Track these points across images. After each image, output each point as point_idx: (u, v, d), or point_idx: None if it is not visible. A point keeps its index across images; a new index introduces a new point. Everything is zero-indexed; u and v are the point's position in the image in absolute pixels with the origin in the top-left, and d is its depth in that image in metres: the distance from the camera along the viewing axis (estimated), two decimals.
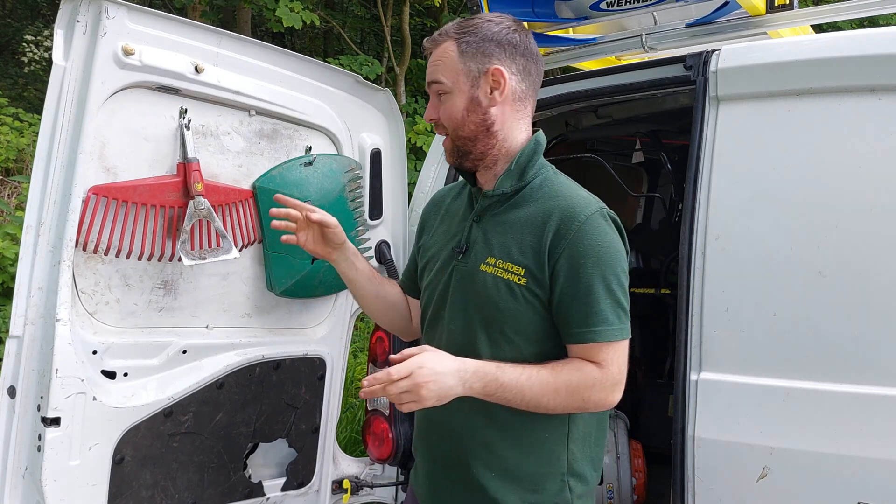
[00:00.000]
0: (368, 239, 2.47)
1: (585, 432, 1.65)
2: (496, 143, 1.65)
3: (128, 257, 1.95)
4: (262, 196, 2.18)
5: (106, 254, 1.91)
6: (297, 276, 2.27)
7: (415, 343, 1.80)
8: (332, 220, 1.79)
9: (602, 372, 1.53)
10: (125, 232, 1.92)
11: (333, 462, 2.56)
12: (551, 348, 1.59)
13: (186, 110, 2.02)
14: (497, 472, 1.61)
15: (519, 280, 1.57)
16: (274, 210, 1.81)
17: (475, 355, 1.59)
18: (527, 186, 1.64)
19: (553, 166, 1.70)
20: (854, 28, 5.25)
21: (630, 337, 1.58)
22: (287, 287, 2.26)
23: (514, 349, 1.59)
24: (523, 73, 1.64)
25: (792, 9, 2.27)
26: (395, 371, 1.44)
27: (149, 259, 1.99)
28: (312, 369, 2.42)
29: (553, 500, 1.61)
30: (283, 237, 1.85)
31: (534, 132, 1.71)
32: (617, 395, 1.57)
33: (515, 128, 1.66)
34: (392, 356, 1.47)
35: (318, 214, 1.78)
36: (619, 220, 1.61)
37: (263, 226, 2.20)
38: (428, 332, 1.79)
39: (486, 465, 1.62)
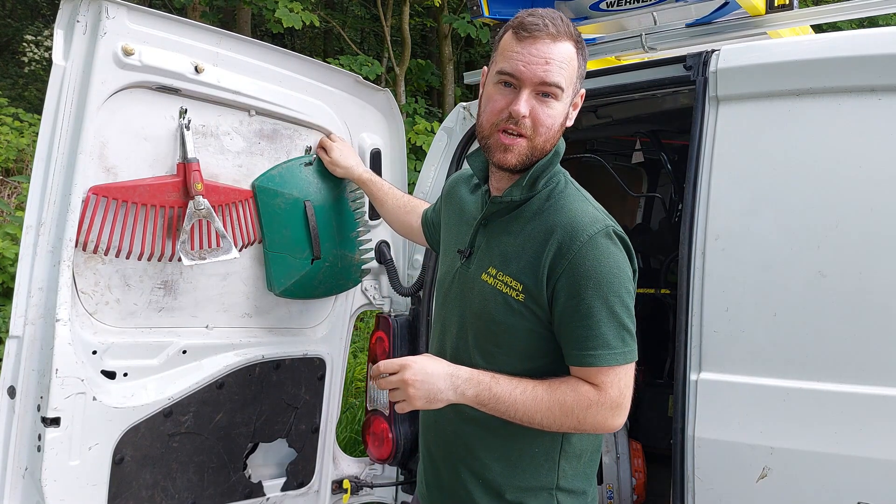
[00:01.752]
0: (370, 240, 2.47)
1: (581, 450, 1.60)
2: None
3: (128, 257, 1.95)
4: (261, 195, 2.18)
5: (106, 254, 1.91)
6: (296, 276, 2.27)
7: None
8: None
9: (599, 394, 1.47)
10: (125, 232, 1.92)
11: (333, 462, 2.56)
12: (545, 365, 1.54)
13: (186, 110, 2.02)
14: (483, 479, 1.59)
15: (517, 295, 1.52)
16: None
17: (469, 364, 1.58)
18: (535, 196, 1.58)
19: (566, 174, 1.63)
20: (854, 28, 5.25)
21: (637, 360, 1.51)
22: (286, 287, 2.26)
23: (506, 362, 1.55)
24: None
25: (792, 9, 2.27)
26: (382, 364, 1.50)
27: (149, 259, 1.99)
28: (312, 369, 2.42)
29: None
30: None
31: None
32: (618, 419, 1.50)
33: None
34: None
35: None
36: (626, 239, 1.53)
37: (263, 225, 2.20)
38: (434, 330, 1.78)
39: (471, 471, 1.61)
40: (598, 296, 1.45)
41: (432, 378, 1.48)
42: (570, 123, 1.58)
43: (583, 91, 1.59)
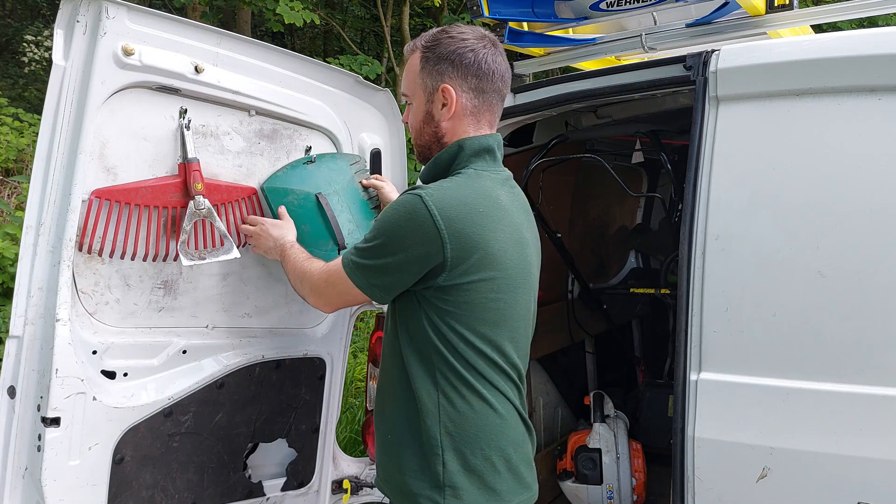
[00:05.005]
0: None
1: (465, 437, 1.62)
2: None
3: (133, 259, 1.95)
4: (272, 196, 2.19)
5: (111, 256, 1.92)
6: None
7: None
8: (378, 183, 2.38)
9: (313, 273, 1.84)
10: (129, 235, 1.92)
11: (333, 462, 2.56)
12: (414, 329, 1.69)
13: (186, 110, 2.02)
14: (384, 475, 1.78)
15: None
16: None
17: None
18: None
19: (478, 170, 1.69)
20: (854, 28, 5.25)
21: (355, 285, 1.69)
22: None
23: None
24: (476, 91, 1.72)
25: (792, 9, 2.27)
26: (250, 217, 2.13)
27: (154, 260, 1.99)
28: (312, 369, 2.42)
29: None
30: None
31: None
32: (311, 299, 1.86)
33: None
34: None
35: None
36: (430, 204, 1.57)
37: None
38: None
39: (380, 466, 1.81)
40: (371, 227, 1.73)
41: (267, 234, 2.05)
42: (444, 119, 1.73)
43: (443, 86, 1.71)
